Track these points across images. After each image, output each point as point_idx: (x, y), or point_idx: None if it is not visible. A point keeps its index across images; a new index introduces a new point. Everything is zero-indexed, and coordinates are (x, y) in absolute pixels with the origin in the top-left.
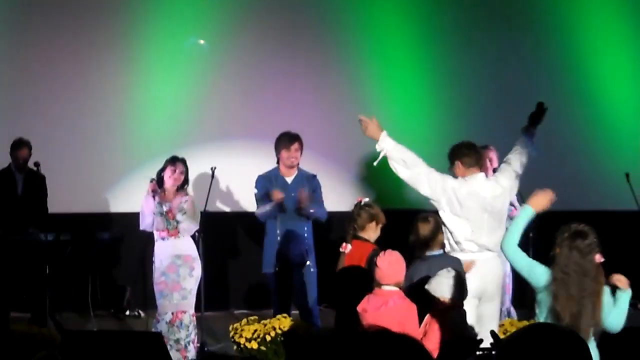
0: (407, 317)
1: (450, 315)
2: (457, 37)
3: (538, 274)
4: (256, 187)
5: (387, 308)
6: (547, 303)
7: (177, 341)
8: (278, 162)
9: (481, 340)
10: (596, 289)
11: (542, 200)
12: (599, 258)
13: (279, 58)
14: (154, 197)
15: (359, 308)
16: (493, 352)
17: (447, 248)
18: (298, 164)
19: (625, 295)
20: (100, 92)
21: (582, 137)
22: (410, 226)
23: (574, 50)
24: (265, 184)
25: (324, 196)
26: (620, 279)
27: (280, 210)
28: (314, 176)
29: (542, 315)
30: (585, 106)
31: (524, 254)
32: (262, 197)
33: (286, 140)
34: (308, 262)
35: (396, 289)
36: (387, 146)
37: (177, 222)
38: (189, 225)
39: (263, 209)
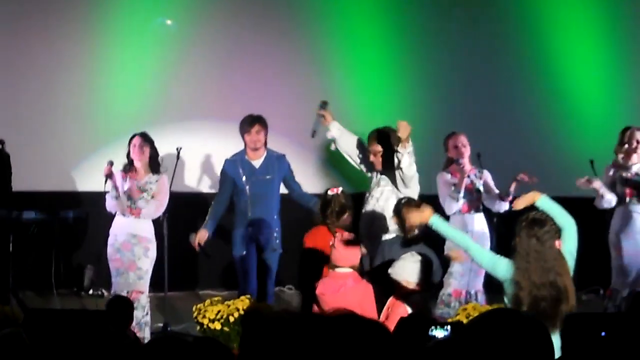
0: (365, 298)
1: (413, 298)
2: (429, 24)
3: (502, 267)
4: (221, 172)
5: (345, 290)
6: (512, 293)
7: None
8: (245, 145)
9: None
10: (560, 273)
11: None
12: (559, 244)
13: (247, 39)
14: (106, 180)
15: (317, 291)
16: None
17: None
18: (265, 145)
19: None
20: (66, 70)
21: (548, 122)
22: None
23: (543, 36)
24: (230, 172)
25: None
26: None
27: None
28: (283, 156)
29: (509, 305)
30: (551, 91)
31: (485, 251)
32: (224, 184)
33: (247, 123)
34: (277, 241)
35: (351, 270)
36: (335, 134)
37: (137, 203)
38: (150, 211)
39: (210, 215)
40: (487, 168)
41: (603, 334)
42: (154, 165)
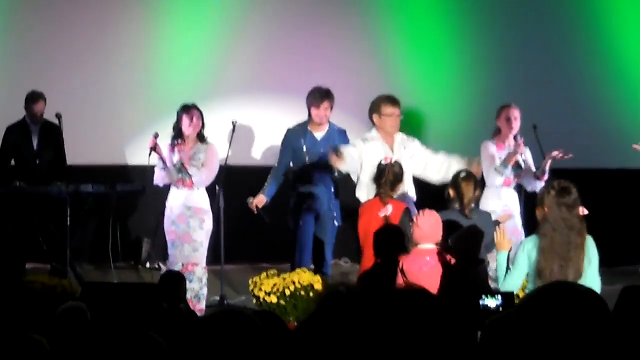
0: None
1: (475, 269)
2: None
3: (527, 268)
4: (282, 141)
5: (429, 267)
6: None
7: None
8: (309, 116)
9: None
10: (580, 242)
11: (504, 242)
12: (582, 211)
13: (304, 10)
14: (150, 152)
15: (404, 267)
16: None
17: None
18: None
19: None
20: (120, 44)
21: (604, 94)
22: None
23: (599, 8)
24: (292, 141)
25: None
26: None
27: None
28: (344, 131)
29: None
30: (605, 64)
31: (515, 279)
32: (284, 152)
33: (317, 97)
34: (335, 214)
35: (434, 246)
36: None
37: (188, 174)
38: (202, 179)
39: (270, 180)
40: (542, 140)
41: None
42: (202, 135)
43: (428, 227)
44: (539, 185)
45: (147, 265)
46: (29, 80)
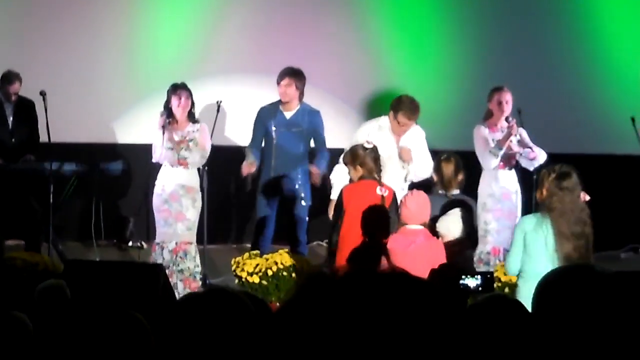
0: (436, 254)
1: (461, 253)
2: None
3: (523, 232)
4: (255, 121)
5: (416, 246)
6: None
7: (181, 271)
8: None
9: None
10: (587, 223)
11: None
12: (584, 196)
13: None
14: (163, 132)
15: (388, 246)
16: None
17: None
18: (301, 99)
19: None
20: (106, 22)
21: (589, 80)
22: None
23: None
24: (264, 119)
25: (331, 131)
26: None
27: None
28: (317, 112)
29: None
30: (593, 49)
31: (514, 259)
32: (256, 129)
33: (279, 75)
34: (303, 194)
35: (422, 227)
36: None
37: (182, 153)
38: (197, 159)
39: (247, 155)
40: (527, 125)
41: None
42: (192, 115)
43: (415, 207)
44: (530, 164)
45: (130, 243)
46: (14, 58)
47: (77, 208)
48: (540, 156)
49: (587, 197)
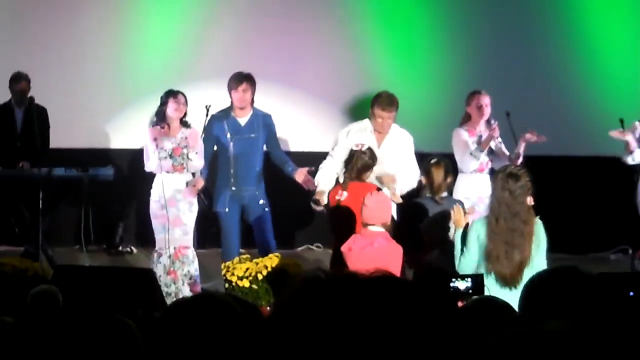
0: (392, 258)
1: (446, 254)
2: None
3: (477, 249)
4: (205, 128)
5: (372, 248)
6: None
7: (186, 275)
8: (232, 102)
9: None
10: (526, 230)
11: (461, 220)
12: (530, 201)
13: None
14: (156, 144)
15: (344, 248)
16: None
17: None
18: (252, 104)
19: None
20: (97, 28)
21: (577, 82)
22: None
23: None
24: (215, 129)
25: (317, 134)
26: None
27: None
28: (269, 115)
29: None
30: (581, 50)
31: (467, 260)
32: (207, 140)
33: (235, 80)
34: (262, 201)
35: (382, 230)
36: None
37: (184, 158)
38: (197, 163)
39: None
40: (515, 127)
41: (631, 293)
42: (185, 120)
43: (374, 206)
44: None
45: (120, 248)
46: (3, 63)
47: (67, 213)
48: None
49: (532, 202)
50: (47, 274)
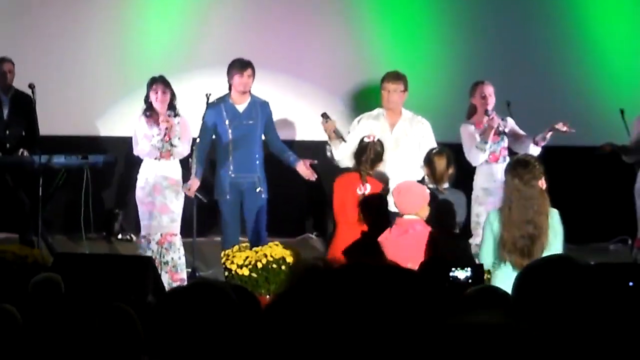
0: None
1: (457, 243)
2: None
3: (492, 225)
4: (204, 117)
5: (406, 236)
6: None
7: (166, 263)
8: (230, 89)
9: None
10: (541, 218)
11: None
12: (542, 184)
13: None
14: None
15: (381, 238)
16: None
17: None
18: (250, 90)
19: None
20: (94, 16)
21: (577, 72)
22: None
23: None
24: (213, 117)
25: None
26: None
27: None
28: (267, 103)
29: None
30: (581, 40)
31: (485, 251)
32: (206, 128)
33: (239, 66)
34: (260, 189)
35: (417, 217)
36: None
37: (171, 145)
38: (182, 150)
39: (196, 162)
40: (516, 117)
41: (631, 284)
42: (173, 107)
43: (402, 197)
44: (536, 151)
45: (119, 236)
46: (1, 51)
47: (66, 201)
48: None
49: (544, 185)
50: (47, 262)
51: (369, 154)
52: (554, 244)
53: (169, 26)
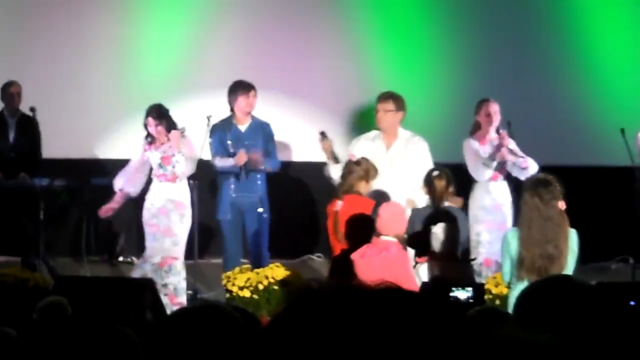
0: (402, 268)
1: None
2: None
3: (510, 243)
4: (211, 136)
5: (379, 257)
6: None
7: (165, 286)
8: (232, 110)
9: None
10: (560, 239)
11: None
12: (562, 205)
13: (279, 4)
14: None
15: (355, 255)
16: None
17: None
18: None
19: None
20: (95, 38)
21: (578, 92)
22: None
23: (573, 5)
24: (220, 134)
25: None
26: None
27: (239, 172)
28: (268, 124)
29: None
30: (582, 61)
31: (505, 272)
32: (218, 147)
33: (244, 87)
34: (261, 209)
35: (394, 240)
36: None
37: (173, 166)
38: (186, 169)
39: (224, 162)
40: (517, 136)
41: (632, 303)
42: (173, 129)
43: (388, 216)
44: (522, 173)
45: (121, 259)
46: (3, 74)
47: (68, 224)
48: (532, 167)
49: (564, 206)
50: (48, 285)
51: (348, 174)
52: (571, 264)
53: (169, 49)
